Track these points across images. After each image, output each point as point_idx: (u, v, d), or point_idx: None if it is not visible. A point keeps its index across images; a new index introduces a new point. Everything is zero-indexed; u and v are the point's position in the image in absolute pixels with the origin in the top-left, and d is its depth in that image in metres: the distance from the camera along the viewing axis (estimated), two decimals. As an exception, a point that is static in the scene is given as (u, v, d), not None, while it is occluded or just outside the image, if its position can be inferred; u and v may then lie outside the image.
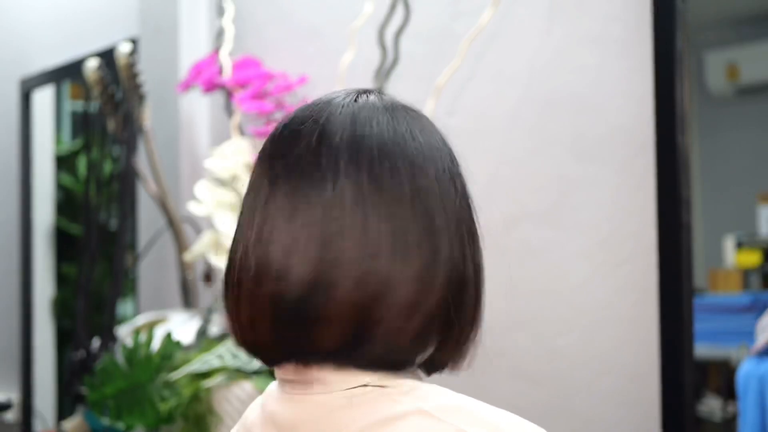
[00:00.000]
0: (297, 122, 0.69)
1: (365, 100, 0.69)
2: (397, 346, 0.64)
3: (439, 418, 0.61)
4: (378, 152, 0.65)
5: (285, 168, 0.66)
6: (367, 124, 0.66)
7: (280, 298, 0.64)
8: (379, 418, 0.62)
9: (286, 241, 0.64)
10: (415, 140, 0.67)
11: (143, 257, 2.03)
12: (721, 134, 1.46)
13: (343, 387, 0.65)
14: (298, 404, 0.67)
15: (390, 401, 0.63)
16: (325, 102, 0.70)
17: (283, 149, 0.67)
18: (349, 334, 0.63)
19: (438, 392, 0.64)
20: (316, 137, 0.66)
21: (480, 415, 0.62)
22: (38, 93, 2.59)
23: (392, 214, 0.63)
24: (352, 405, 0.64)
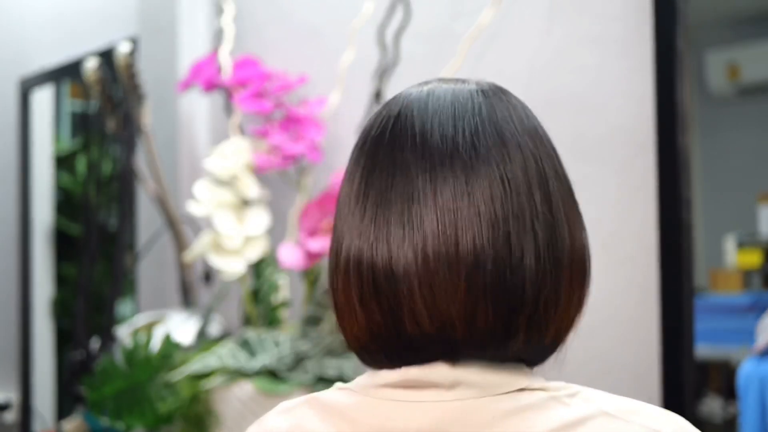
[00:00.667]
0: (400, 114, 0.66)
1: (471, 87, 0.67)
2: (538, 340, 0.63)
3: (626, 420, 0.59)
4: (515, 135, 0.64)
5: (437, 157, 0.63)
6: (498, 108, 0.66)
7: (434, 287, 0.60)
8: (561, 422, 0.59)
9: (449, 225, 0.60)
10: (533, 122, 0.68)
11: (142, 257, 2.03)
12: (721, 134, 1.46)
13: (497, 391, 0.62)
14: (437, 411, 0.62)
15: (561, 405, 0.61)
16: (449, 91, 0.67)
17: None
18: (500, 326, 0.61)
19: (600, 394, 0.62)
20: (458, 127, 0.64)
21: (661, 414, 0.61)
22: (37, 93, 2.59)
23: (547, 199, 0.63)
24: (522, 410, 0.60)
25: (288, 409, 0.70)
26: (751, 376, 1.29)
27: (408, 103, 0.66)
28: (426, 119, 0.64)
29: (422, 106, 0.65)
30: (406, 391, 0.63)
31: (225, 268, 1.52)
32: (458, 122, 0.63)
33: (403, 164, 0.63)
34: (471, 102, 0.65)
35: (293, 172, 1.69)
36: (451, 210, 0.61)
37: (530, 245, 0.61)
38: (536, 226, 0.62)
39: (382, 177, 0.63)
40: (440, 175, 0.61)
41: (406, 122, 0.64)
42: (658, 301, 1.27)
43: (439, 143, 0.62)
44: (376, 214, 0.63)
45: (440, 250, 0.60)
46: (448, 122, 0.64)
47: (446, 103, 0.65)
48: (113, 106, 1.94)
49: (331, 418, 0.66)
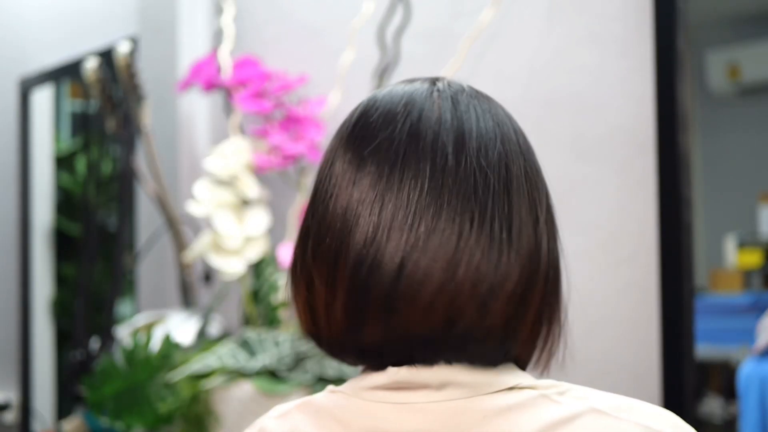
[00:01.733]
0: (386, 108, 0.66)
1: (452, 88, 0.67)
2: (528, 341, 0.63)
3: (617, 417, 0.59)
4: (482, 140, 0.64)
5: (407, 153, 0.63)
6: (467, 111, 0.65)
7: (424, 286, 0.60)
8: (551, 420, 0.59)
9: (428, 232, 0.60)
10: (514, 127, 0.67)
11: (142, 257, 2.03)
12: (721, 134, 1.46)
13: (487, 390, 0.62)
14: (428, 412, 0.62)
15: (552, 403, 0.61)
16: (409, 92, 0.67)
17: (379, 133, 0.64)
18: (495, 327, 0.61)
19: (591, 391, 0.62)
20: (415, 126, 0.64)
21: (654, 411, 0.61)
22: (37, 92, 2.59)
23: (509, 202, 0.63)
24: (512, 409, 0.60)
25: (283, 414, 0.70)
26: (751, 376, 1.29)
27: (385, 105, 0.66)
28: (406, 124, 0.64)
29: (393, 111, 0.65)
30: (396, 392, 0.63)
31: (225, 268, 1.52)
32: (440, 127, 0.63)
33: (386, 167, 0.62)
34: (444, 108, 0.65)
35: (293, 172, 1.68)
36: (441, 215, 0.61)
37: (513, 247, 0.62)
38: (514, 229, 0.62)
39: (368, 179, 0.63)
40: (426, 191, 0.61)
41: (385, 125, 0.64)
42: (658, 301, 1.27)
43: (415, 149, 0.62)
44: (370, 215, 0.62)
45: (434, 252, 0.60)
46: (429, 129, 0.63)
47: (421, 109, 0.65)
48: (113, 106, 1.94)
49: (324, 422, 0.66)
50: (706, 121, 1.45)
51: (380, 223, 0.61)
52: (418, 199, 0.61)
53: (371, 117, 0.66)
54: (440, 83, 0.68)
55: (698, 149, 1.37)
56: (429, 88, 0.67)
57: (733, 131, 1.45)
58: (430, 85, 0.67)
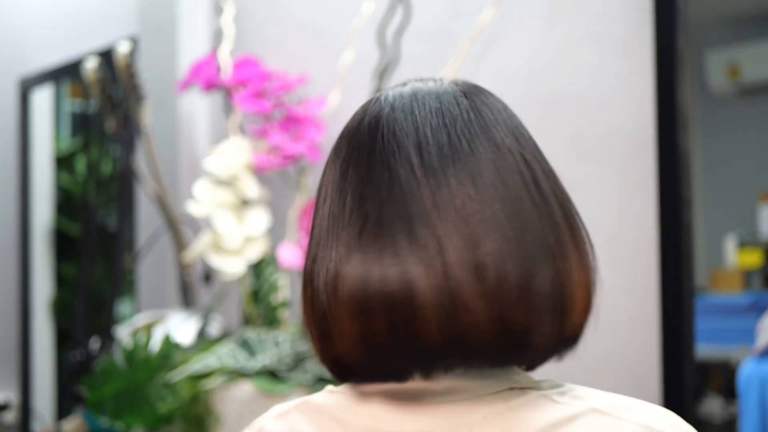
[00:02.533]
0: (384, 114, 0.65)
1: (448, 87, 0.66)
2: (550, 346, 0.62)
3: (617, 417, 0.59)
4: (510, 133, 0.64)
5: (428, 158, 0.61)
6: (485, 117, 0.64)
7: (416, 300, 0.58)
8: (551, 420, 0.59)
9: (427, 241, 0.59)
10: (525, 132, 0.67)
11: (142, 257, 2.03)
12: (722, 134, 1.46)
13: (488, 391, 0.61)
14: (428, 413, 0.61)
15: (552, 403, 0.60)
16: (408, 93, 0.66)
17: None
18: (519, 336, 0.60)
19: (592, 391, 0.62)
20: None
21: (653, 410, 0.61)
22: (37, 92, 2.58)
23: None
24: (512, 409, 0.60)
25: (282, 414, 0.70)
26: (752, 376, 1.29)
27: (392, 107, 0.65)
28: (417, 125, 0.63)
29: (408, 111, 0.64)
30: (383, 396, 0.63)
31: (225, 268, 1.52)
32: (450, 129, 0.62)
33: (400, 176, 0.61)
34: (457, 105, 0.64)
35: (293, 172, 1.68)
36: (462, 224, 0.59)
37: (543, 251, 0.60)
38: (542, 231, 0.61)
39: (377, 190, 0.61)
40: (445, 187, 0.60)
41: (395, 129, 0.63)
42: (658, 301, 1.27)
43: (438, 152, 0.61)
44: (375, 230, 0.60)
45: (457, 266, 0.58)
46: (440, 128, 0.62)
47: (433, 108, 0.64)
48: (113, 105, 1.94)
49: (324, 423, 0.65)
50: (706, 121, 1.45)
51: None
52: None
53: (371, 125, 0.64)
54: (447, 85, 0.67)
55: (698, 149, 1.37)
56: (435, 91, 0.65)
57: (733, 131, 1.45)
58: (437, 87, 0.66)
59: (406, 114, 0.64)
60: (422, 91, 0.65)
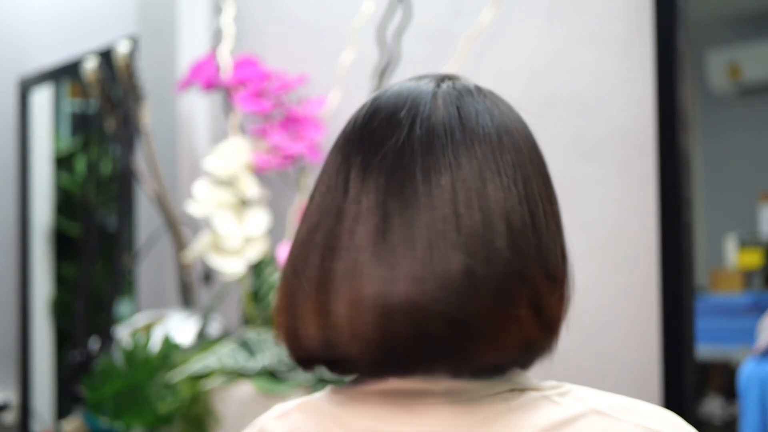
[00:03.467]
0: (390, 110, 0.64)
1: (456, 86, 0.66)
2: (537, 345, 0.62)
3: (617, 418, 0.59)
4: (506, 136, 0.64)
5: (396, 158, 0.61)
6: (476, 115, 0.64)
7: (417, 301, 0.57)
8: (552, 421, 0.59)
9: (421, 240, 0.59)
10: (525, 129, 0.67)
11: (142, 257, 2.03)
12: (722, 134, 1.46)
13: (489, 392, 0.61)
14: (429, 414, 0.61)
15: (552, 404, 0.60)
16: (415, 89, 0.66)
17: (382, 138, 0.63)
18: (511, 335, 0.59)
19: (592, 392, 0.62)
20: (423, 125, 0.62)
21: (654, 412, 0.61)
22: (37, 92, 2.58)
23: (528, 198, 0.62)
24: (513, 410, 0.60)
25: (283, 414, 0.69)
26: (752, 376, 1.29)
27: (390, 108, 0.64)
28: (414, 130, 0.62)
29: (409, 113, 0.63)
30: (398, 395, 0.63)
31: (225, 268, 1.52)
32: (447, 126, 0.62)
33: (399, 171, 0.61)
34: (455, 112, 0.64)
35: (293, 172, 1.68)
36: (461, 221, 0.59)
37: (529, 251, 0.60)
38: (532, 231, 0.61)
39: (374, 194, 0.61)
40: (437, 181, 0.60)
41: (390, 125, 0.63)
42: (658, 301, 1.27)
43: (441, 160, 0.61)
44: (373, 231, 0.60)
45: (453, 266, 0.58)
46: (435, 127, 0.62)
47: (430, 106, 0.63)
48: (113, 105, 1.94)
49: (325, 423, 0.65)
50: (706, 121, 1.45)
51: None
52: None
53: (374, 121, 0.64)
54: (445, 84, 0.66)
55: (698, 149, 1.37)
56: (434, 90, 0.65)
57: (733, 131, 1.45)
58: (436, 86, 0.66)
59: (395, 116, 0.63)
60: (415, 90, 0.65)
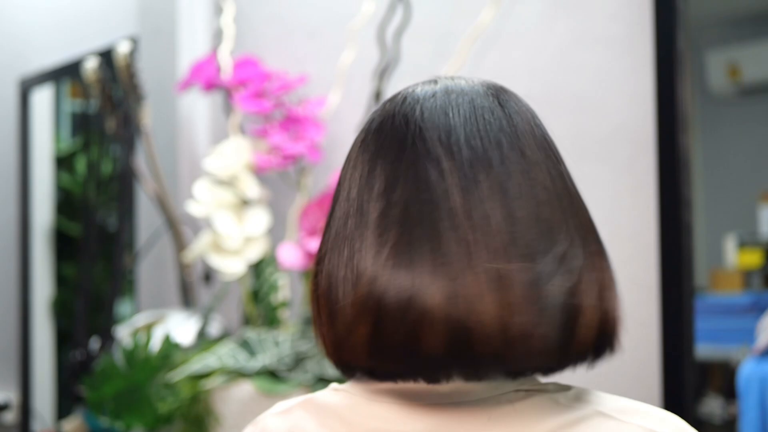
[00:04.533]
0: (427, 106, 0.63)
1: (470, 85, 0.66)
2: (569, 354, 0.60)
3: (622, 420, 0.59)
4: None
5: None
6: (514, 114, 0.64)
7: (438, 307, 0.56)
8: (557, 423, 0.59)
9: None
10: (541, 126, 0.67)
11: (142, 257, 2.03)
12: (722, 134, 1.46)
13: (493, 393, 0.61)
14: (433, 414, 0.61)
15: (557, 405, 0.60)
16: (451, 85, 0.65)
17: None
18: (537, 346, 0.58)
19: (597, 394, 0.62)
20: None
21: (659, 414, 0.60)
22: (37, 92, 2.58)
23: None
24: (518, 411, 0.60)
25: (285, 411, 0.69)
26: (752, 376, 1.29)
27: (423, 106, 0.63)
28: (450, 128, 0.61)
29: (441, 112, 0.62)
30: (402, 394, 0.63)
31: (225, 268, 1.52)
32: (484, 136, 0.61)
33: (428, 179, 0.59)
34: (491, 111, 0.63)
35: (293, 172, 1.68)
36: (492, 233, 0.58)
37: (561, 269, 0.59)
38: (567, 244, 0.60)
39: (403, 191, 0.60)
40: (475, 194, 0.59)
41: (427, 130, 0.62)
42: (658, 301, 1.27)
43: (470, 158, 0.60)
44: (401, 234, 0.59)
45: (483, 275, 0.57)
46: (474, 134, 0.61)
47: (467, 111, 0.62)
48: (113, 106, 1.94)
49: (328, 421, 0.65)
50: (706, 121, 1.45)
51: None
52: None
53: (397, 124, 0.63)
54: (478, 81, 0.66)
55: (698, 149, 1.37)
56: (469, 85, 0.65)
57: (733, 131, 1.45)
58: (468, 83, 0.65)
59: (439, 116, 0.62)
60: (454, 92, 0.64)
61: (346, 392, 0.66)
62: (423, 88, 0.65)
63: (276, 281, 1.57)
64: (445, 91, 0.64)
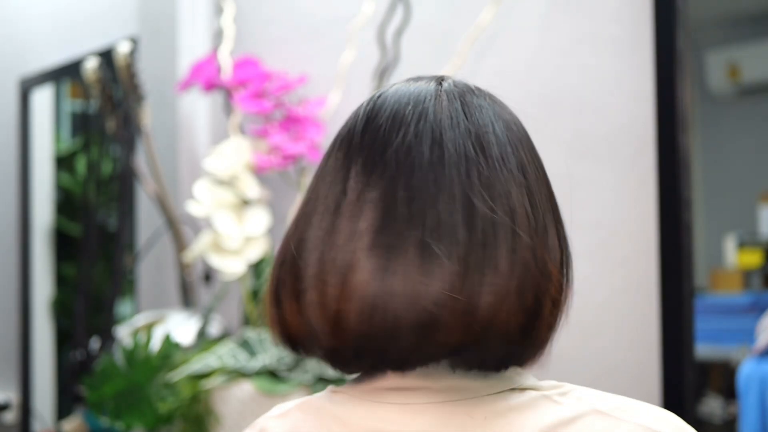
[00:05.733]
0: (393, 107, 0.64)
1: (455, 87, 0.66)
2: (536, 343, 0.62)
3: (618, 418, 0.59)
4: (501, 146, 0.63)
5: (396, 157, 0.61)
6: (480, 114, 0.64)
7: (419, 296, 0.57)
8: (553, 421, 0.59)
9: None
10: (521, 129, 0.67)
11: (142, 257, 2.03)
12: (722, 134, 1.46)
13: (489, 392, 0.61)
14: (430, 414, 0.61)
15: (553, 403, 0.61)
16: (416, 88, 0.65)
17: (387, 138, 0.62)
18: (515, 334, 0.59)
19: (593, 392, 0.62)
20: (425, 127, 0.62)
21: (657, 413, 0.61)
22: (37, 92, 2.58)
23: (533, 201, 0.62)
24: (513, 409, 0.60)
25: (283, 414, 0.69)
26: (752, 376, 1.29)
27: (394, 106, 0.64)
28: (420, 126, 0.62)
29: (415, 110, 0.63)
30: (398, 393, 0.63)
31: (225, 268, 1.52)
32: (453, 121, 0.62)
33: (403, 177, 0.60)
34: (460, 109, 0.63)
35: (293, 172, 1.68)
36: (470, 232, 0.58)
37: (541, 243, 0.61)
38: (535, 237, 0.61)
39: (377, 190, 0.60)
40: (449, 191, 0.59)
41: (395, 122, 0.62)
42: (658, 301, 1.27)
43: (452, 155, 0.61)
44: (380, 230, 0.59)
45: (460, 276, 0.57)
46: (445, 132, 0.62)
47: (438, 109, 0.63)
48: (113, 106, 1.94)
49: (326, 422, 0.65)
50: (706, 121, 1.45)
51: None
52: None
53: (379, 121, 0.64)
54: (446, 83, 0.66)
55: (698, 149, 1.37)
56: (436, 89, 0.65)
57: (733, 131, 1.45)
58: (437, 85, 0.66)
59: (398, 113, 0.63)
60: (421, 92, 0.64)
61: (343, 393, 0.66)
62: (394, 87, 0.66)
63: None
64: (409, 92, 0.65)
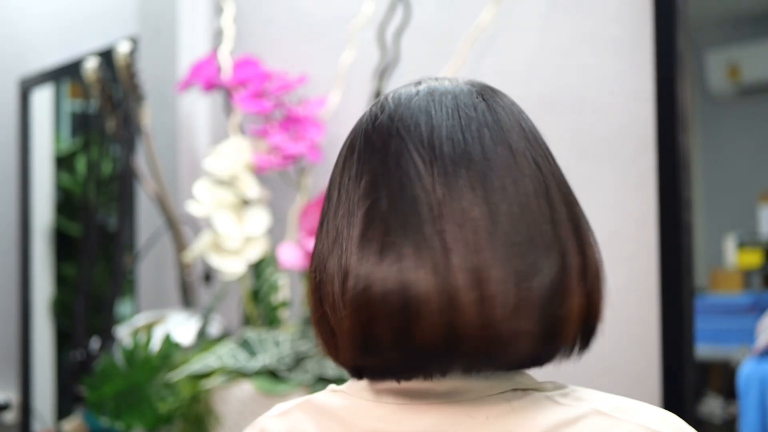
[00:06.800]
0: (411, 107, 0.64)
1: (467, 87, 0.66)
2: (553, 347, 0.62)
3: (619, 419, 0.59)
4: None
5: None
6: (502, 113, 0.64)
7: (446, 300, 0.57)
8: (554, 421, 0.59)
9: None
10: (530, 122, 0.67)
11: (142, 257, 2.03)
12: (722, 134, 1.46)
13: (491, 392, 0.61)
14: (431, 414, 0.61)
15: (554, 404, 0.61)
16: (436, 86, 0.65)
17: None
18: (523, 338, 0.59)
19: (594, 393, 0.62)
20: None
21: (657, 413, 0.60)
22: (37, 92, 2.58)
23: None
24: (515, 410, 0.60)
25: (284, 413, 0.69)
26: (752, 376, 1.29)
27: (407, 105, 0.64)
28: (433, 125, 0.62)
29: (423, 110, 0.63)
30: (399, 394, 0.63)
31: (225, 268, 1.52)
32: (466, 131, 0.62)
33: (410, 176, 0.60)
34: (474, 107, 0.63)
35: (293, 172, 1.68)
36: (472, 227, 0.58)
37: (546, 262, 0.60)
38: (552, 235, 0.60)
39: (387, 188, 0.61)
40: (455, 189, 0.59)
41: (409, 128, 0.62)
42: (658, 301, 1.27)
43: (452, 153, 0.61)
44: (385, 231, 0.60)
45: (459, 270, 0.57)
46: (456, 130, 0.62)
47: (450, 108, 0.63)
48: (113, 106, 1.94)
49: (326, 422, 0.65)
50: (706, 121, 1.45)
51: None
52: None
53: (394, 119, 0.64)
54: (462, 81, 0.66)
55: (698, 149, 1.37)
56: (455, 86, 0.65)
57: (733, 131, 1.45)
58: (454, 83, 0.66)
59: (421, 115, 0.63)
60: (438, 91, 0.65)
61: (344, 393, 0.66)
62: (407, 89, 0.66)
63: (276, 281, 1.57)
64: (427, 91, 0.65)
